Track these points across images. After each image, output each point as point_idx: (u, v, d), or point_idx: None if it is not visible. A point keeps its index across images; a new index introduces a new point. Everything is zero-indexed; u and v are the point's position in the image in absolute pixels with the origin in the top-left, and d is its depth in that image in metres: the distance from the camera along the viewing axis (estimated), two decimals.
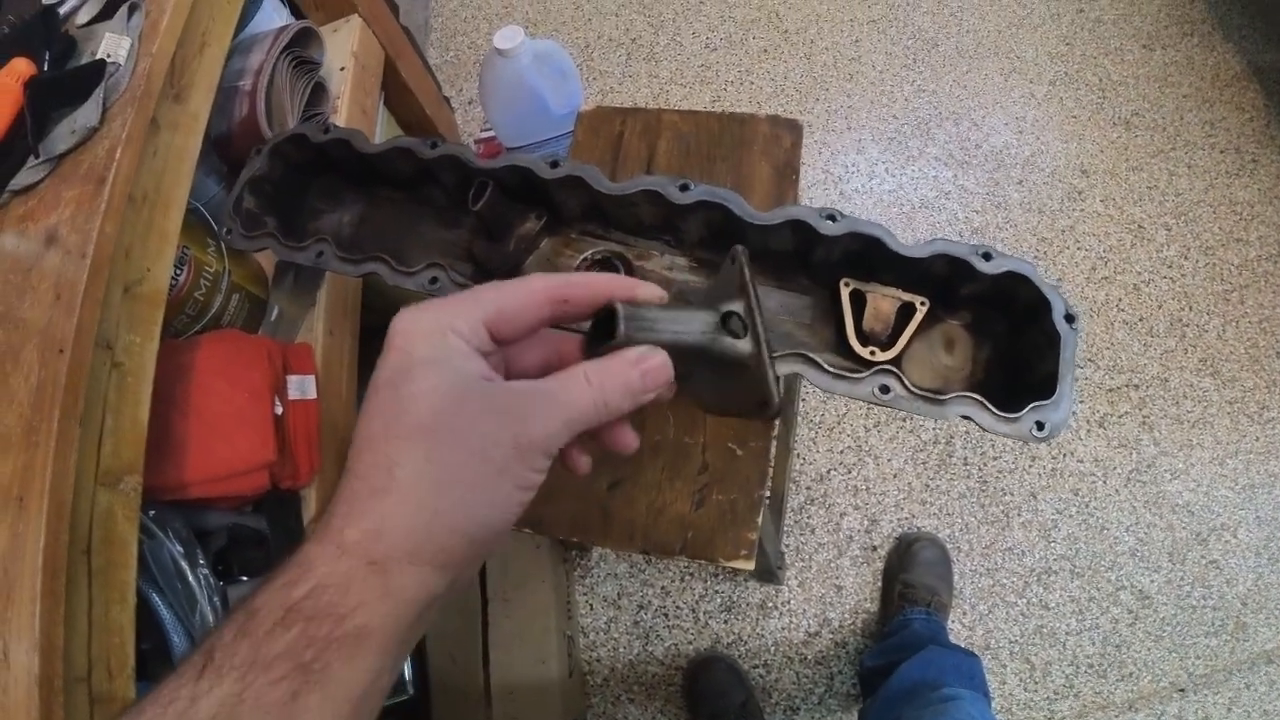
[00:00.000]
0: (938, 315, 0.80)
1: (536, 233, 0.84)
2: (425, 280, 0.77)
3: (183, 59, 0.99)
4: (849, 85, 2.00)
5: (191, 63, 1.00)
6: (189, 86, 0.99)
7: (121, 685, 0.77)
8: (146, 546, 0.88)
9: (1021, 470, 1.57)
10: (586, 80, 2.06)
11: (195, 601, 0.90)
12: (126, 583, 0.80)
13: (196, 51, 1.01)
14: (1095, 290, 1.70)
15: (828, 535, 1.54)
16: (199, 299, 1.03)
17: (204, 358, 0.96)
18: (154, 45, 0.90)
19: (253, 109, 1.08)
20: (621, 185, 0.76)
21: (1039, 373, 0.71)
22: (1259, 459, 1.57)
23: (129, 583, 0.80)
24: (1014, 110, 1.93)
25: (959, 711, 0.92)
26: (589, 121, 0.96)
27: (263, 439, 0.94)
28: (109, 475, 0.79)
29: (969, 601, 1.48)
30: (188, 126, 0.97)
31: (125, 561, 0.79)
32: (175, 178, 0.94)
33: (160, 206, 0.91)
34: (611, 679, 1.48)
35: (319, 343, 1.06)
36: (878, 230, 0.73)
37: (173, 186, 0.93)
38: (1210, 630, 1.47)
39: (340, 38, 1.28)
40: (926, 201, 1.83)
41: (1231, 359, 1.65)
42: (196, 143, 0.97)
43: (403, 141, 0.85)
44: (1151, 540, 1.52)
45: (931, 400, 0.69)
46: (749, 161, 0.91)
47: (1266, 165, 1.83)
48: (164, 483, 0.91)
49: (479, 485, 0.32)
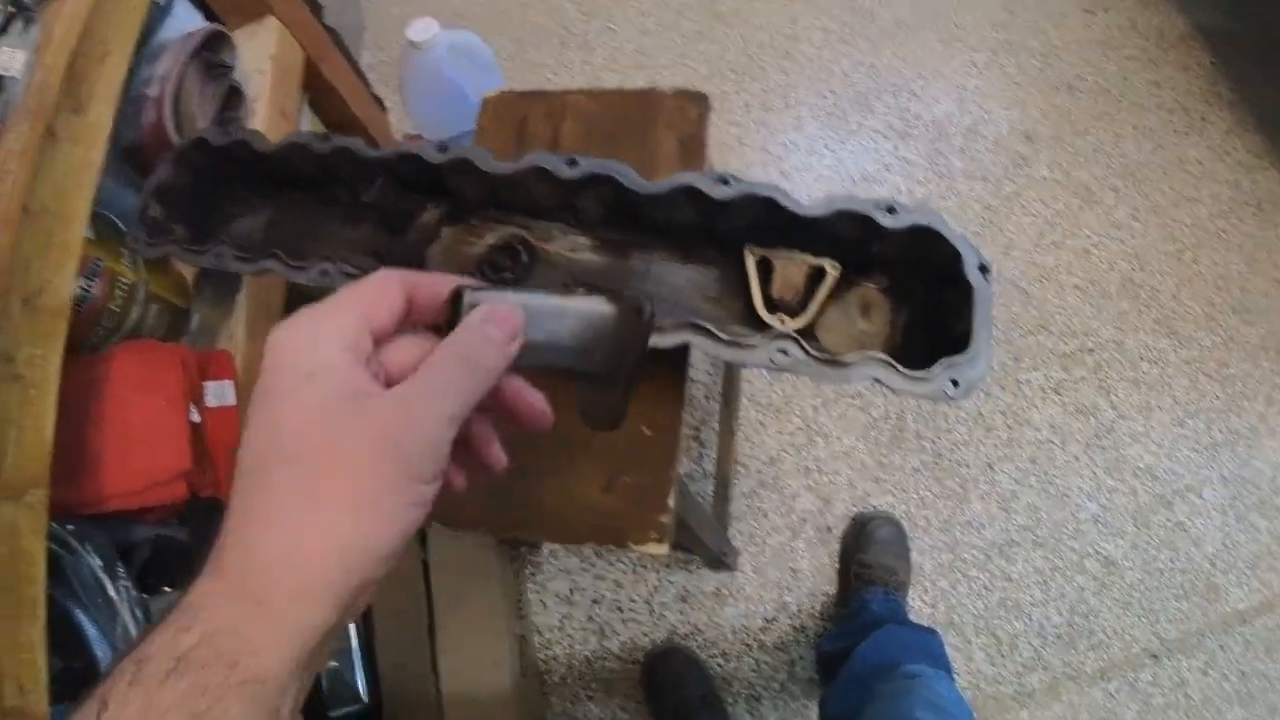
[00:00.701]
0: (852, 280, 0.78)
1: (436, 222, 0.82)
2: (315, 274, 0.77)
3: (82, 70, 0.98)
4: (786, 63, 1.99)
5: (91, 73, 0.99)
6: (89, 97, 0.98)
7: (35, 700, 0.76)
8: (66, 562, 0.87)
9: (977, 442, 1.55)
10: (520, 72, 2.05)
11: (117, 615, 0.89)
12: (35, 598, 0.78)
13: (97, 61, 1.00)
14: (1044, 256, 1.69)
15: (781, 518, 1.52)
16: (115, 311, 1.01)
17: (117, 369, 0.95)
18: (47, 56, 0.89)
19: (160, 117, 1.06)
20: (509, 164, 0.75)
21: (958, 329, 0.69)
22: (1220, 417, 1.56)
23: (37, 598, 0.79)
24: (955, 79, 1.92)
25: (924, 689, 0.91)
26: (493, 108, 0.95)
27: (178, 448, 0.92)
28: (12, 489, 0.78)
29: (930, 578, 1.47)
30: (89, 138, 0.96)
31: (33, 576, 0.78)
32: (77, 190, 0.93)
33: (61, 219, 0.90)
34: (569, 677, 1.46)
35: (240, 348, 1.05)
36: (773, 191, 0.71)
37: (75, 199, 0.92)
38: (1180, 593, 1.45)
39: (257, 41, 1.26)
40: (869, 175, 1.82)
41: (1187, 318, 1.64)
42: (99, 154, 0.96)
43: (297, 138, 0.84)
44: (1114, 506, 1.50)
45: (834, 363, 0.67)
46: (654, 136, 0.90)
47: (1215, 123, 1.83)
48: (82, 497, 0.90)
49: (358, 509, 0.31)
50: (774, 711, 1.41)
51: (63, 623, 0.85)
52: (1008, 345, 1.62)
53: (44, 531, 0.80)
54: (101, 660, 0.86)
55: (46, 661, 0.77)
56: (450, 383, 0.34)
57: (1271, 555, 1.47)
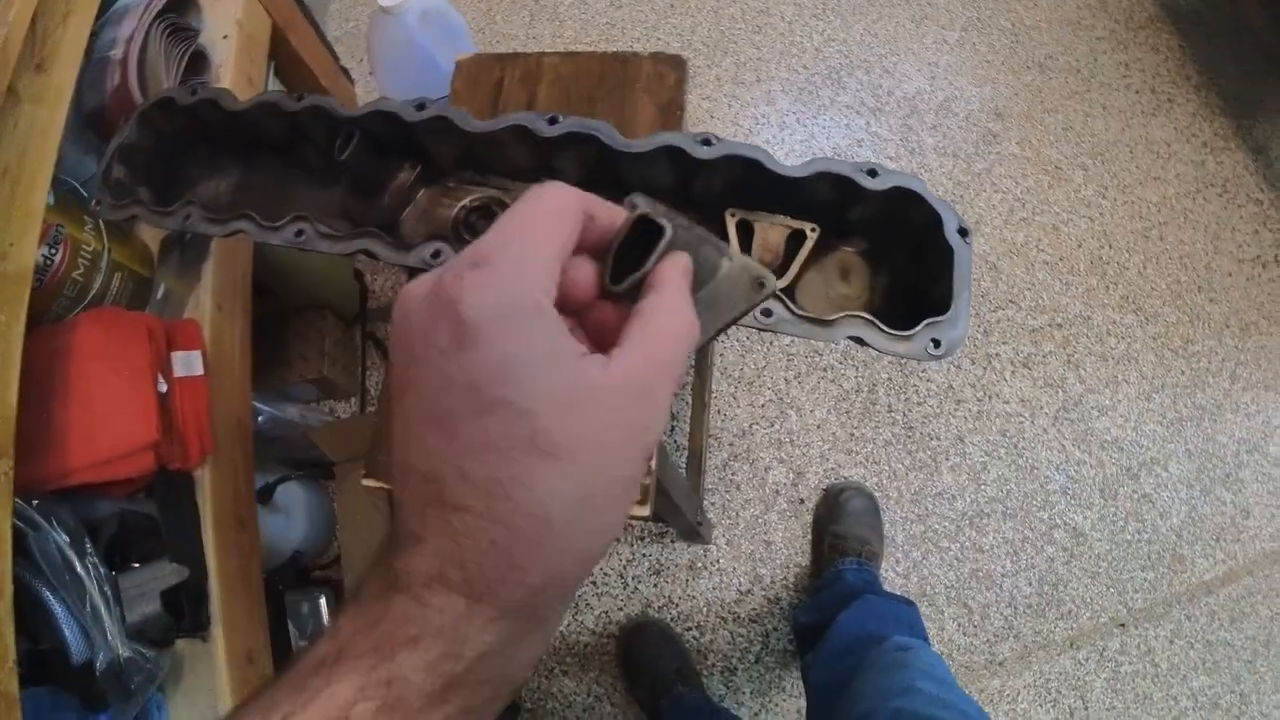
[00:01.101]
0: (831, 244, 0.78)
1: (411, 184, 0.81)
2: (290, 234, 0.74)
3: (44, 29, 0.96)
4: (758, 37, 1.98)
5: (54, 32, 0.97)
6: (51, 57, 0.96)
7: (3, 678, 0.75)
8: (31, 539, 0.85)
9: (947, 414, 1.57)
10: (490, 43, 2.02)
11: (85, 592, 0.87)
12: (2, 573, 0.76)
13: (59, 21, 0.98)
14: (1014, 232, 1.71)
15: (754, 491, 1.53)
16: (78, 279, 0.99)
17: (81, 339, 0.92)
18: (10, 13, 0.87)
19: (124, 79, 1.04)
20: (488, 123, 0.73)
21: (936, 294, 0.69)
22: (1185, 392, 1.59)
23: (4, 573, 0.77)
24: (926, 56, 1.92)
25: (918, 661, 0.90)
26: (467, 70, 0.93)
27: (145, 419, 0.90)
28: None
29: (902, 549, 1.48)
30: (51, 99, 0.94)
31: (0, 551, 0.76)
32: (40, 152, 0.91)
33: (24, 181, 0.89)
34: (544, 653, 1.45)
35: (207, 319, 1.03)
36: (755, 152, 0.71)
37: (37, 160, 0.91)
38: (1147, 564, 1.48)
39: (224, 6, 1.23)
40: (840, 150, 1.82)
41: (1153, 295, 1.66)
42: (60, 115, 0.94)
43: (269, 96, 0.82)
44: (1082, 478, 1.53)
45: (818, 322, 0.67)
46: (632, 101, 0.89)
47: (1182, 104, 1.85)
48: (47, 472, 0.88)
49: (564, 533, 0.27)
50: (749, 683, 1.42)
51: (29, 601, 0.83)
52: (978, 320, 1.64)
53: (10, 504, 0.78)
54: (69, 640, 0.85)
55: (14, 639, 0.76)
56: (680, 350, 0.29)
57: (1236, 527, 1.50)
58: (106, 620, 0.86)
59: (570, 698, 1.44)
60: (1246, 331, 1.63)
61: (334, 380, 1.54)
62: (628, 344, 0.28)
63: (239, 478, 1.06)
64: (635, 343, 0.28)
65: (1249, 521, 1.50)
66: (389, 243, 0.72)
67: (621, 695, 1.43)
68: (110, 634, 0.86)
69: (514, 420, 0.26)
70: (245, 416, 1.10)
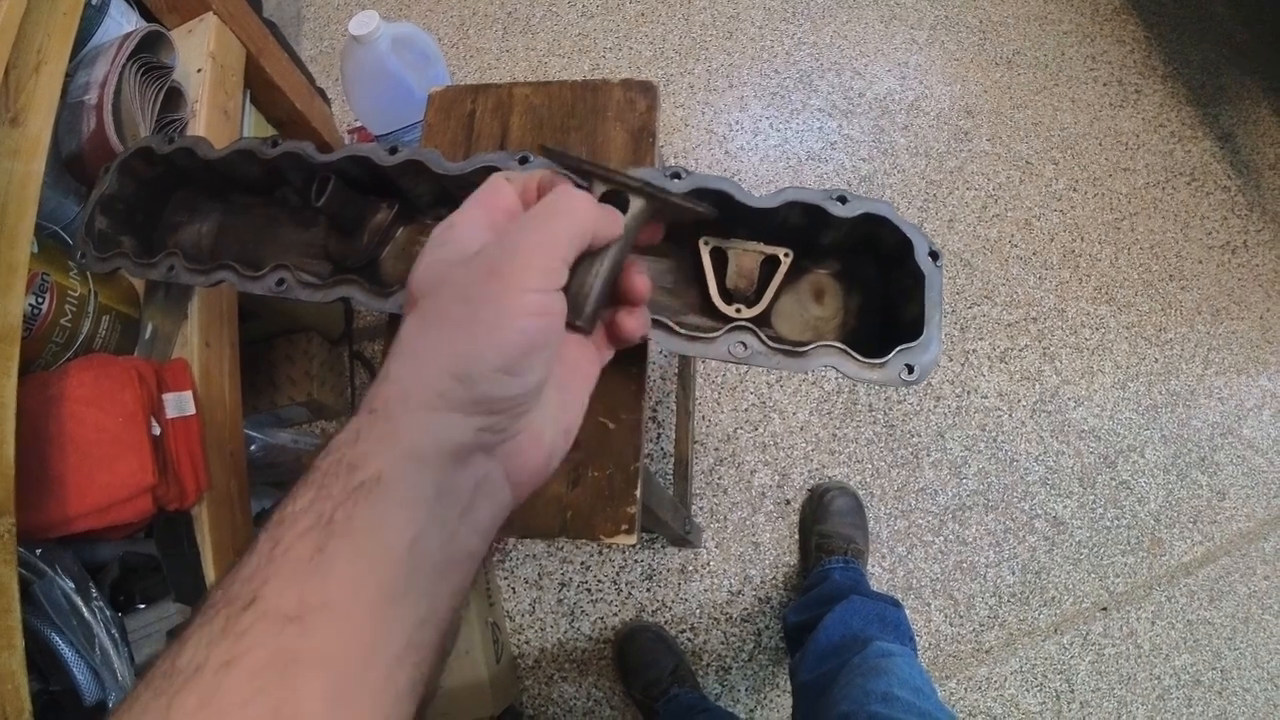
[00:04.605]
0: (805, 266, 0.80)
1: (389, 223, 0.82)
2: (272, 283, 0.76)
3: (17, 81, 0.96)
4: (729, 43, 2.00)
5: (27, 84, 0.97)
6: (26, 109, 0.96)
7: None
8: (37, 586, 0.86)
9: (927, 411, 1.60)
10: (464, 58, 2.04)
11: (93, 635, 0.89)
12: (12, 628, 0.77)
13: (32, 72, 0.97)
14: (987, 228, 1.73)
15: (740, 494, 1.56)
16: (66, 326, 1.00)
17: (72, 386, 0.93)
18: None
19: (100, 123, 1.04)
20: (461, 165, 0.75)
21: (908, 315, 0.71)
22: (1159, 379, 1.62)
23: (14, 628, 0.78)
24: (896, 57, 1.94)
25: (898, 669, 0.93)
26: (439, 103, 0.95)
27: (140, 463, 0.91)
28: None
29: (887, 545, 1.51)
30: (29, 151, 0.93)
31: (7, 606, 0.77)
32: (20, 206, 0.91)
33: (5, 237, 0.88)
34: (543, 660, 1.48)
35: (195, 356, 1.04)
36: (724, 184, 0.72)
37: (18, 215, 0.90)
38: (1127, 549, 1.51)
39: (195, 39, 1.23)
40: (813, 153, 1.84)
41: (1126, 285, 1.69)
42: (39, 167, 0.94)
43: (243, 143, 0.83)
44: (1061, 468, 1.56)
45: (792, 353, 0.69)
46: (603, 129, 0.90)
47: (1149, 95, 1.88)
48: (47, 520, 0.89)
49: (470, 322, 0.34)
50: (743, 680, 1.45)
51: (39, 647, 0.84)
52: (954, 317, 1.66)
53: (14, 561, 0.78)
54: (81, 683, 0.86)
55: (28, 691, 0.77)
56: (576, 208, 0.37)
57: (1212, 509, 1.54)
58: (116, 661, 0.88)
59: (570, 702, 1.47)
60: (1218, 317, 1.66)
61: (323, 401, 1.55)
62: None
63: (235, 511, 1.08)
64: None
65: (1225, 503, 1.54)
66: (368, 289, 0.74)
67: (619, 698, 1.46)
68: (120, 674, 0.88)
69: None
70: (238, 449, 1.12)
